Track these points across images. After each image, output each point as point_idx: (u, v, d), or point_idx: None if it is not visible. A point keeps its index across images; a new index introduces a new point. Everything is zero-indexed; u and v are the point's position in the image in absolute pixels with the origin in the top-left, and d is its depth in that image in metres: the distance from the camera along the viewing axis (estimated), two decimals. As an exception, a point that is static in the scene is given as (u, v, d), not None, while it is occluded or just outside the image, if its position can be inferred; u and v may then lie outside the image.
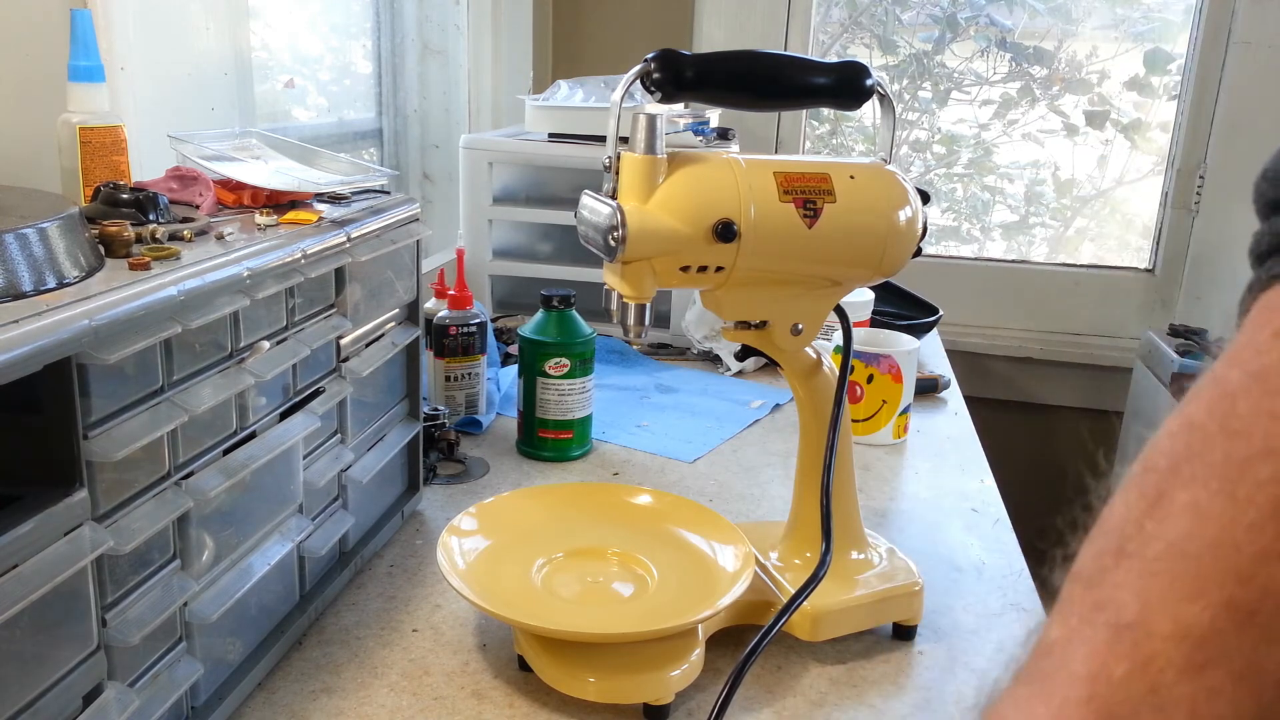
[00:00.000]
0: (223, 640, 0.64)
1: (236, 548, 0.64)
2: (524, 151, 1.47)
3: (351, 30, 1.69)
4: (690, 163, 0.67)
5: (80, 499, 0.48)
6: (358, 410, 0.79)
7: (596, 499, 0.86)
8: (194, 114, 1.02)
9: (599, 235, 0.66)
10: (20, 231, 0.48)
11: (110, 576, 0.52)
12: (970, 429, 1.24)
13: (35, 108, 0.84)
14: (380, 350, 0.82)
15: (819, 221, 0.68)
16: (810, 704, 0.69)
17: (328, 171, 0.85)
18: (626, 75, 0.66)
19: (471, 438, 1.13)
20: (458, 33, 1.79)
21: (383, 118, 1.74)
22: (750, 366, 1.38)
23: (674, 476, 1.06)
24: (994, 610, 0.82)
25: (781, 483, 1.05)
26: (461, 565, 0.74)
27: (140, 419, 0.52)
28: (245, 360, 0.62)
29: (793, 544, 0.79)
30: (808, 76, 0.70)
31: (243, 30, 1.10)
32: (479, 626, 0.76)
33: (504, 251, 1.54)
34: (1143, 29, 1.93)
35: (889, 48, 2.04)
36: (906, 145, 2.07)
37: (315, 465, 0.73)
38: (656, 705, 0.66)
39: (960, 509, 1.01)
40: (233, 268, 0.58)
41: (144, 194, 0.64)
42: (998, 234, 2.10)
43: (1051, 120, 1.99)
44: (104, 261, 0.55)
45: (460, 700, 0.68)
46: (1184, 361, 1.66)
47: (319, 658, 0.72)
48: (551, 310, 1.06)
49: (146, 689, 0.55)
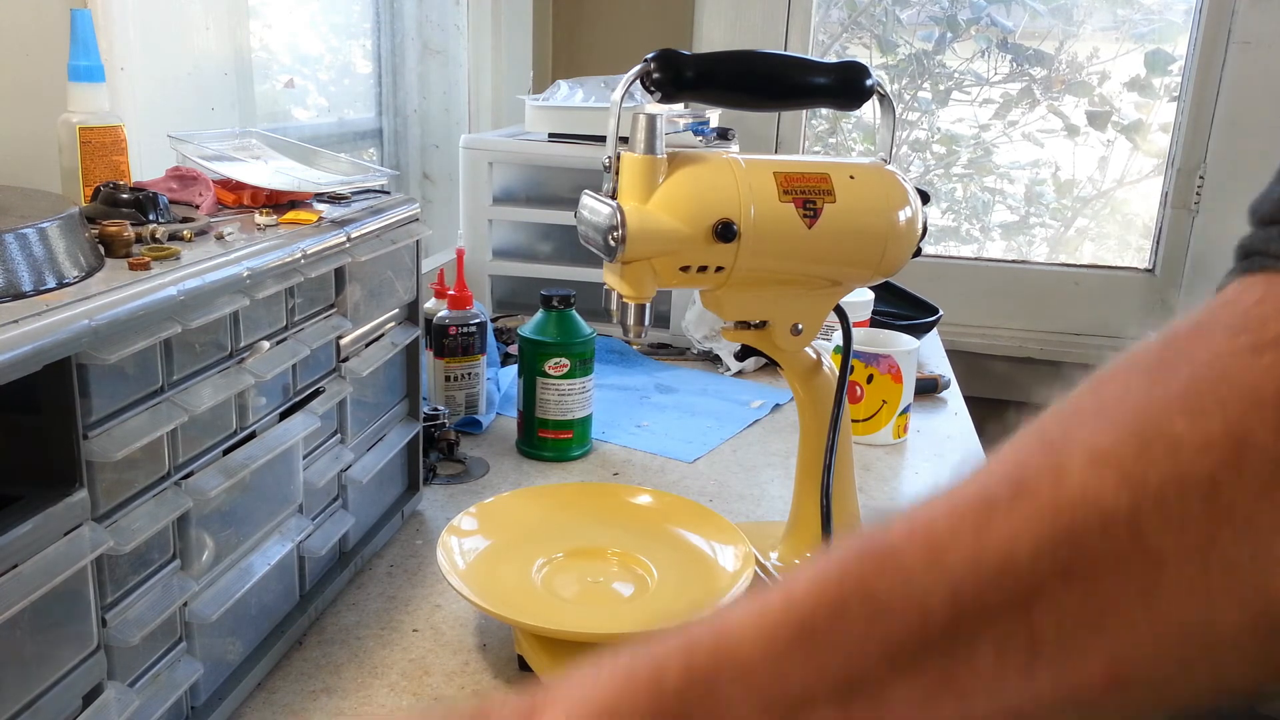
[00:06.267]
0: (223, 640, 0.64)
1: (236, 548, 0.64)
2: (524, 151, 1.47)
3: (351, 30, 1.69)
4: (690, 163, 0.67)
5: (80, 499, 0.48)
6: (358, 410, 0.79)
7: (596, 499, 0.86)
8: (194, 114, 1.02)
9: (599, 235, 0.66)
10: (20, 231, 0.48)
11: (110, 576, 0.52)
12: (970, 429, 1.24)
13: (35, 108, 0.84)
14: (380, 350, 0.82)
15: (819, 221, 0.68)
16: (810, 704, 0.69)
17: (328, 171, 0.85)
18: (626, 75, 0.66)
19: (471, 438, 1.13)
20: (458, 33, 1.79)
21: (383, 118, 1.74)
22: (750, 366, 1.38)
23: (674, 476, 1.06)
24: (994, 610, 0.82)
25: (781, 483, 1.05)
26: (461, 565, 0.74)
27: (140, 419, 0.52)
28: (245, 360, 0.62)
29: (793, 544, 0.79)
30: (808, 76, 0.70)
31: (243, 30, 1.10)
32: (479, 626, 0.76)
33: (504, 251, 1.54)
34: (1143, 30, 1.93)
35: (889, 48, 2.04)
36: (906, 145, 2.07)
37: (315, 465, 0.73)
38: (656, 705, 0.66)
39: (960, 509, 1.01)
40: (233, 268, 0.58)
41: (144, 194, 0.64)
42: (998, 234, 2.10)
43: (1052, 120, 1.99)
44: (104, 261, 0.55)
45: (460, 700, 0.68)
46: (1184, 362, 1.65)
47: (319, 658, 0.72)
48: (551, 310, 1.06)
49: (146, 689, 0.55)
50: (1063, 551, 0.24)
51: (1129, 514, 0.24)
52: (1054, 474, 0.26)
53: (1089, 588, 0.24)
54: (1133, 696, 0.25)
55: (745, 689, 0.26)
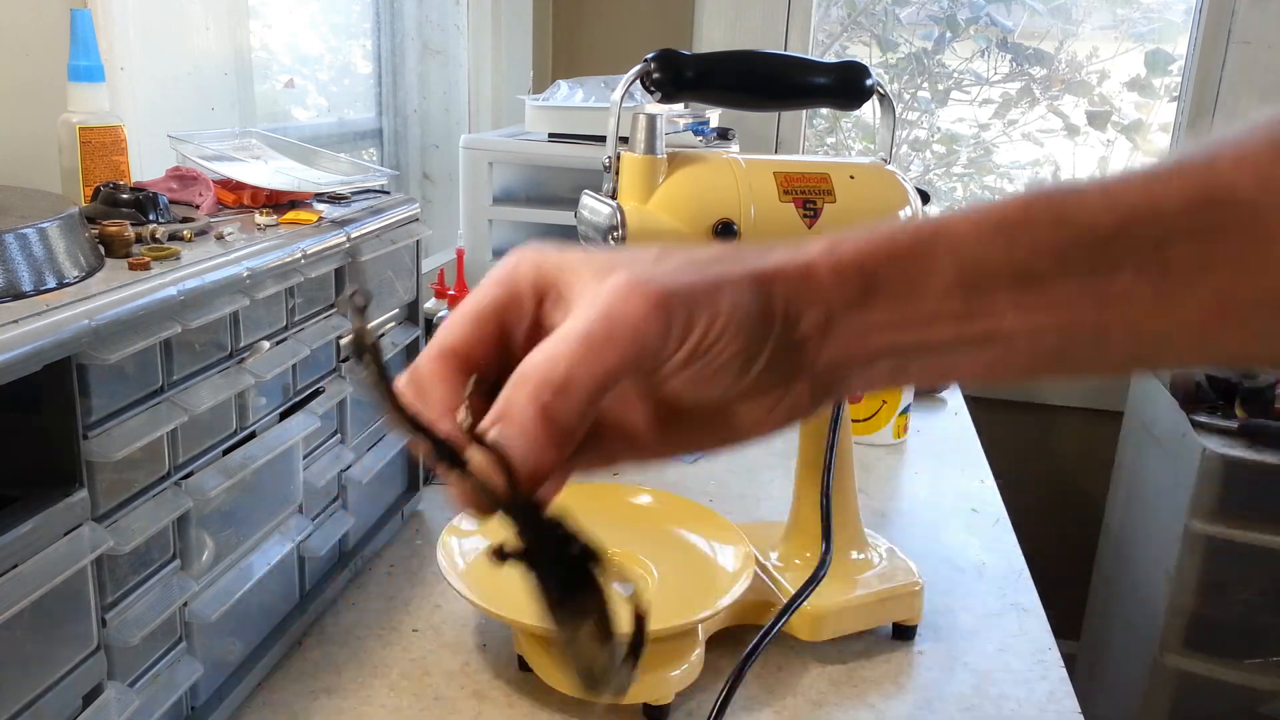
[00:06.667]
0: (223, 640, 0.64)
1: (236, 548, 0.64)
2: (524, 151, 1.47)
3: (351, 30, 1.69)
4: (690, 163, 0.67)
5: (80, 499, 0.48)
6: (357, 410, 0.79)
7: (596, 499, 0.86)
8: (194, 114, 1.02)
9: (599, 235, 0.66)
10: (20, 231, 0.48)
11: (110, 576, 0.52)
12: (970, 429, 1.24)
13: (35, 108, 0.84)
14: (380, 350, 0.82)
15: (819, 221, 0.68)
16: (810, 704, 0.69)
17: (328, 171, 0.85)
18: (626, 75, 0.66)
19: (471, 438, 1.13)
20: (458, 33, 1.79)
21: (383, 118, 1.74)
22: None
23: (674, 476, 1.06)
24: (994, 610, 0.82)
25: (781, 483, 1.05)
26: (461, 565, 0.74)
27: (140, 419, 0.52)
28: (245, 360, 0.62)
29: (793, 544, 0.79)
30: (807, 76, 0.70)
31: (243, 30, 1.10)
32: (479, 626, 0.76)
33: (504, 251, 1.53)
34: (1143, 30, 1.93)
35: (889, 47, 2.04)
36: (906, 145, 2.07)
37: (315, 465, 0.73)
38: (656, 705, 0.66)
39: (960, 509, 1.01)
40: (233, 268, 0.58)
41: (144, 194, 0.64)
42: (998, 234, 2.10)
43: (1051, 120, 1.99)
44: (104, 261, 0.55)
45: (460, 700, 0.68)
46: (1184, 361, 1.65)
47: (319, 658, 0.72)
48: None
49: (146, 689, 0.55)
50: (1199, 211, 0.31)
51: (1253, 198, 0.31)
52: (1207, 163, 0.32)
53: (1213, 241, 0.31)
54: (1232, 336, 0.32)
55: (953, 259, 0.32)
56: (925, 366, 0.34)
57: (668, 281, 0.31)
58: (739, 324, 0.32)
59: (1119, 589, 1.86)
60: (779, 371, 0.33)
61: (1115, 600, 1.88)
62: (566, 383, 0.30)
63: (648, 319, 0.31)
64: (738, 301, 0.32)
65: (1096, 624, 1.97)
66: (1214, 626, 1.57)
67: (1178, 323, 0.32)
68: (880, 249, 0.33)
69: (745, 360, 0.32)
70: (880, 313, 0.33)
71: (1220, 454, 1.49)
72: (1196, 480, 1.51)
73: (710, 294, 0.31)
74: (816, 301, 0.33)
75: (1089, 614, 2.01)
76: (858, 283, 0.33)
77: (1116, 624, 1.85)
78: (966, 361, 0.34)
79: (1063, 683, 0.73)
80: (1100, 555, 2.01)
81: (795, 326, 0.33)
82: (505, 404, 0.31)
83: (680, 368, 0.32)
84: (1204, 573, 1.55)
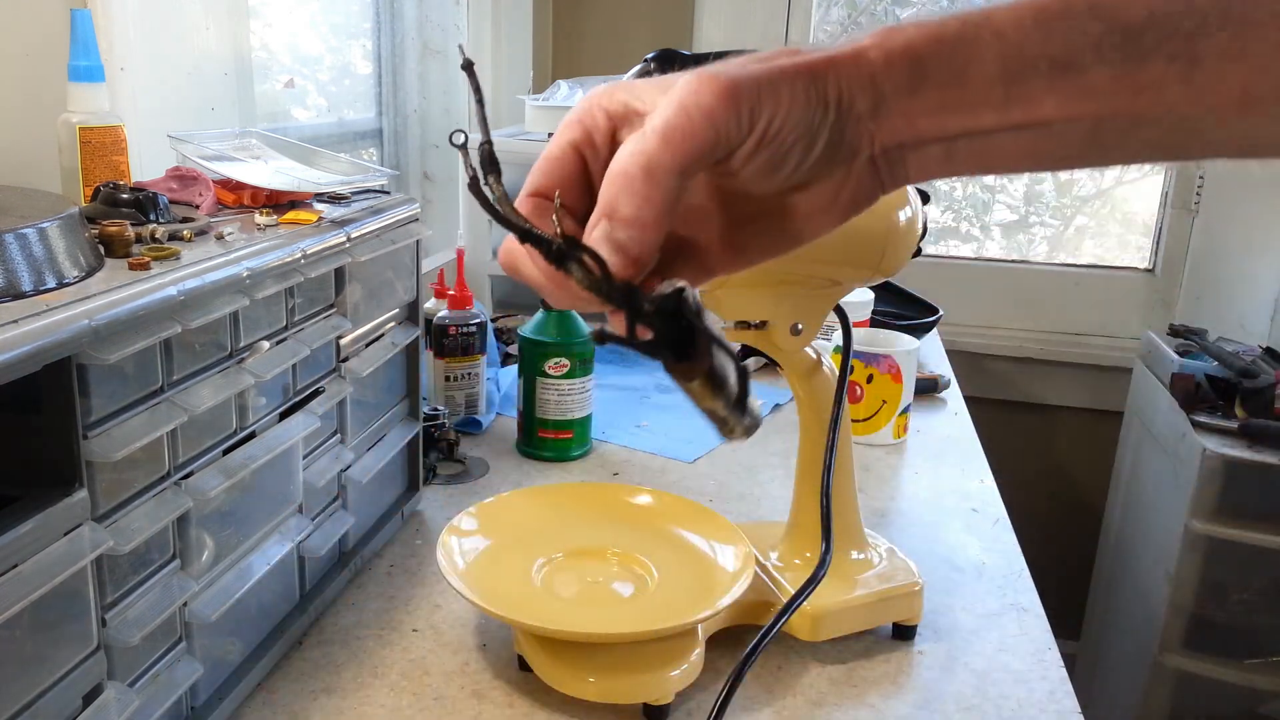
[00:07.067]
0: (222, 640, 0.64)
1: (236, 548, 0.64)
2: (524, 151, 1.47)
3: (351, 30, 1.69)
4: (690, 163, 0.67)
5: (80, 499, 0.48)
6: (357, 410, 0.80)
7: (596, 499, 0.86)
8: (194, 114, 1.02)
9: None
10: (20, 231, 0.48)
11: (110, 576, 0.52)
12: (970, 429, 1.24)
13: (35, 108, 0.84)
14: (380, 350, 0.82)
15: (819, 221, 0.68)
16: (810, 704, 0.69)
17: (328, 171, 0.85)
18: (626, 75, 0.66)
19: (471, 438, 1.13)
20: (458, 33, 1.79)
21: (383, 118, 1.74)
22: (750, 366, 1.38)
23: (674, 476, 1.06)
24: (994, 610, 0.82)
25: (781, 483, 1.05)
26: (461, 565, 0.74)
27: (140, 419, 0.52)
28: (245, 360, 0.62)
29: (793, 544, 0.79)
30: (808, 76, 0.70)
31: (243, 30, 1.10)
32: (479, 626, 0.76)
33: (504, 251, 1.53)
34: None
35: (889, 48, 2.04)
36: (906, 145, 2.07)
37: (315, 465, 0.73)
38: (656, 705, 0.66)
39: (960, 509, 1.01)
40: (232, 268, 0.58)
41: (144, 194, 0.64)
42: (997, 232, 2.10)
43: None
44: (104, 261, 0.55)
45: (460, 700, 0.68)
46: (1184, 361, 1.66)
47: (319, 658, 0.72)
48: (551, 310, 1.06)
49: (146, 689, 0.55)
50: (1229, 3, 0.33)
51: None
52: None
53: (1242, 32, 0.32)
54: (1254, 122, 0.34)
55: (997, 47, 0.34)
56: (972, 152, 0.36)
57: (735, 74, 0.34)
58: (800, 111, 0.34)
59: (1119, 589, 1.86)
60: (837, 155, 0.36)
61: (1115, 600, 1.88)
62: (653, 169, 0.33)
63: (720, 107, 0.33)
64: (797, 89, 0.34)
65: (1096, 624, 1.97)
66: (1214, 626, 1.57)
67: (1207, 108, 0.34)
68: (930, 36, 0.35)
69: (806, 145, 0.35)
70: (927, 98, 0.35)
71: (1220, 454, 1.49)
72: (1196, 480, 1.51)
73: (773, 84, 0.34)
74: (868, 86, 0.35)
75: (1089, 614, 2.02)
76: (906, 69, 0.35)
77: (1116, 624, 1.85)
78: (1009, 148, 0.35)
79: (1063, 683, 0.73)
80: (1100, 555, 2.01)
81: (850, 110, 0.35)
82: (603, 201, 0.35)
83: (749, 156, 0.35)
84: (1204, 573, 1.55)
